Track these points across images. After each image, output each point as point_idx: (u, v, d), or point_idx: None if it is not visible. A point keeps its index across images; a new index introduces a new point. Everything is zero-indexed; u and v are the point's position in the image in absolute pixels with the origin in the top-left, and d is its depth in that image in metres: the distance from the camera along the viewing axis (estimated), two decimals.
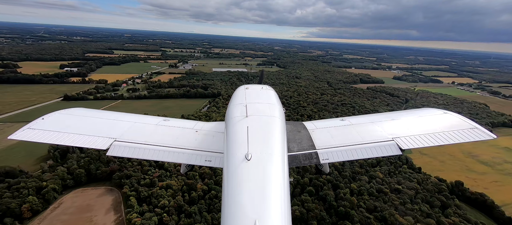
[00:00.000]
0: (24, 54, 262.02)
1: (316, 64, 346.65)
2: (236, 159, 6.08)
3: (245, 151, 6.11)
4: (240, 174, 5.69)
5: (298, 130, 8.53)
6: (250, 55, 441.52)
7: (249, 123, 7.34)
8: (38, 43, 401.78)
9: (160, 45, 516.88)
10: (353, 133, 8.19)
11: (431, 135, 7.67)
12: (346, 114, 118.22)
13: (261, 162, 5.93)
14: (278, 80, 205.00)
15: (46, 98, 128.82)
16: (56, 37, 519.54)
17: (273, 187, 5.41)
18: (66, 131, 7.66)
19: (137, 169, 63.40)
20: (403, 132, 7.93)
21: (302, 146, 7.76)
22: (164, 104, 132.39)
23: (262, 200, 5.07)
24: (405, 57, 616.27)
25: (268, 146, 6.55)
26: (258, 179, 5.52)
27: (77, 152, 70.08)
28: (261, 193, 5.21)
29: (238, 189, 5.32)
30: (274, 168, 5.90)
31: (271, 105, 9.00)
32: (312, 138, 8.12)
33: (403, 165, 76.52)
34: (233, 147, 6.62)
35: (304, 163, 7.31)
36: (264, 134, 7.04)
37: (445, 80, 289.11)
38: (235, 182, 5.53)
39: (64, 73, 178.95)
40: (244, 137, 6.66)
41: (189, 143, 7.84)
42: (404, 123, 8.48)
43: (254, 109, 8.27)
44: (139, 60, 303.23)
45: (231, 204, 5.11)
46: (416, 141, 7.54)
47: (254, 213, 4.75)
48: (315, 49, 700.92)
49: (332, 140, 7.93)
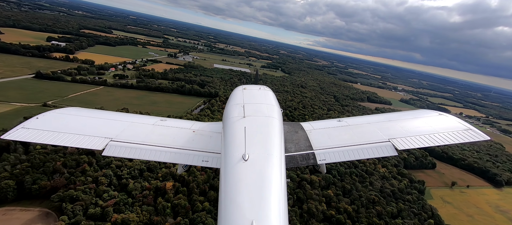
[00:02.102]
0: (12, 20, 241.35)
1: (322, 75, 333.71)
2: (234, 159, 6.03)
3: (243, 151, 6.08)
4: (237, 174, 5.64)
5: (296, 131, 8.45)
6: (255, 55, 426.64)
7: (247, 123, 7.29)
8: (34, 11, 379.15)
9: (164, 32, 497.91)
10: (350, 133, 8.11)
11: (426, 136, 7.54)
12: None
13: (258, 162, 5.90)
14: (283, 87, 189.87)
15: (15, 73, 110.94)
16: (56, 8, 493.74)
17: (270, 187, 5.38)
18: (61, 130, 7.34)
19: (90, 189, 47.14)
20: (399, 133, 7.82)
21: (300, 146, 7.71)
22: (151, 98, 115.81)
23: (259, 200, 5.06)
24: (409, 79, 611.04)
25: (265, 146, 6.51)
26: (255, 179, 5.49)
27: (19, 151, 53.48)
28: (258, 193, 5.19)
29: (235, 189, 5.30)
30: (271, 168, 5.86)
31: (269, 106, 8.89)
32: (309, 138, 8.04)
33: (429, 219, 61.97)
34: (230, 147, 6.56)
35: (301, 164, 7.31)
36: (261, 135, 6.97)
37: (451, 109, 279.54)
38: (232, 182, 5.50)
39: (47, 47, 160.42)
40: (241, 137, 6.63)
41: (186, 143, 7.72)
42: (400, 124, 8.31)
43: (252, 110, 8.18)
44: (137, 45, 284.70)
45: (228, 205, 5.08)
46: (411, 142, 7.42)
47: (251, 213, 4.75)
48: (321, 59, 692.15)
49: (329, 141, 7.87)
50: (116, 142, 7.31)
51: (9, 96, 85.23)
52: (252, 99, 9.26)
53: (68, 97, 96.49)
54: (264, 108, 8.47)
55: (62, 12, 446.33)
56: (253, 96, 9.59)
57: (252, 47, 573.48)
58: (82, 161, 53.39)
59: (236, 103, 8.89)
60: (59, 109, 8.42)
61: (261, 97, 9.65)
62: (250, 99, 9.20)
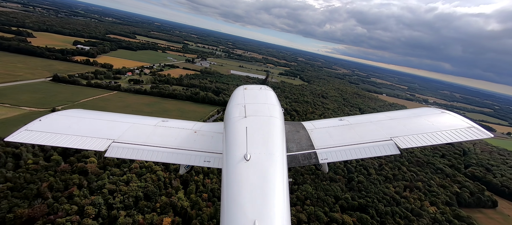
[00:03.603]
0: (46, 25, 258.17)
1: (344, 84, 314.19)
2: (235, 159, 6.04)
3: (244, 151, 6.08)
4: (239, 174, 5.64)
5: (297, 130, 8.43)
6: (272, 62, 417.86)
7: (248, 123, 7.28)
8: (69, 17, 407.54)
9: (184, 38, 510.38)
10: (352, 132, 8.03)
11: (429, 134, 7.48)
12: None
13: (260, 162, 5.90)
14: (302, 97, 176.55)
15: (35, 76, 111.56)
16: (89, 15, 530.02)
17: (272, 187, 5.38)
18: (64, 132, 7.35)
19: (72, 222, 38.76)
20: (401, 131, 7.77)
21: (301, 146, 7.70)
22: (163, 106, 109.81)
23: (261, 200, 5.06)
24: (439, 91, 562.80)
25: (267, 146, 6.49)
26: (257, 179, 5.48)
27: (8, 166, 47.50)
28: (260, 193, 5.18)
29: (237, 189, 5.30)
30: (273, 168, 5.85)
31: (270, 105, 8.80)
32: (311, 138, 8.01)
33: None
34: (232, 147, 6.55)
35: (303, 163, 7.29)
36: (263, 134, 6.95)
37: (496, 128, 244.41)
38: (234, 182, 5.49)
39: (71, 51, 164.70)
40: (243, 137, 6.62)
41: (188, 144, 7.72)
42: (403, 122, 8.25)
43: (253, 110, 8.14)
44: (157, 49, 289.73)
45: (231, 204, 5.07)
46: (414, 140, 7.38)
47: (254, 213, 4.75)
48: (340, 67, 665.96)
49: (331, 140, 7.83)
50: (119, 143, 7.28)
51: (21, 100, 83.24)
52: (253, 99, 9.10)
53: (79, 103, 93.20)
54: (265, 108, 8.34)
55: (94, 19, 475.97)
56: (254, 96, 9.40)
57: (270, 54, 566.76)
58: (72, 183, 45.88)
59: (237, 103, 8.76)
60: (62, 111, 8.32)
61: (262, 97, 9.44)
62: (251, 99, 9.06)
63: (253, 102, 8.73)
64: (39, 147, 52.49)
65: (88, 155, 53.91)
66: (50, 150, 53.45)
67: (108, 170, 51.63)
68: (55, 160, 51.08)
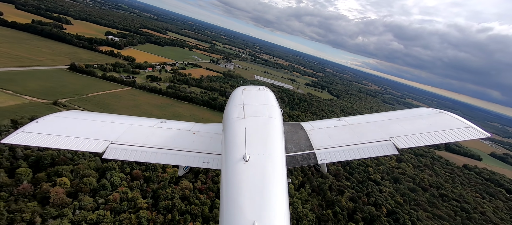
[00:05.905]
0: (87, 14, 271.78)
1: (377, 103, 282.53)
2: (234, 160, 6.08)
3: (243, 152, 6.11)
4: (238, 175, 5.67)
5: (296, 131, 8.50)
6: (298, 70, 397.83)
7: (247, 124, 7.31)
8: (111, 10, 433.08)
9: (213, 38, 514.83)
10: (350, 133, 8.11)
11: (427, 134, 7.53)
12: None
13: (259, 163, 5.93)
14: (332, 114, 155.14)
15: (55, 62, 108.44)
16: (130, 10, 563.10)
17: (271, 187, 5.42)
18: (61, 134, 7.30)
19: None
20: (399, 131, 7.83)
21: (300, 146, 7.75)
22: (175, 110, 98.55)
23: (260, 201, 5.10)
24: (487, 122, 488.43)
25: (266, 146, 6.52)
26: (256, 180, 5.52)
27: None
28: (260, 194, 5.23)
29: (236, 190, 5.34)
30: (272, 168, 5.89)
31: (269, 106, 8.81)
32: (309, 138, 8.08)
33: None
34: (231, 148, 6.59)
35: (302, 164, 7.36)
36: (262, 135, 6.96)
37: None
38: (233, 183, 5.53)
39: (99, 40, 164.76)
40: (242, 138, 6.66)
41: (186, 145, 7.67)
42: (400, 122, 8.33)
43: (252, 111, 8.14)
44: (184, 47, 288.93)
45: (230, 206, 5.12)
46: (412, 140, 7.44)
47: (253, 214, 4.79)
48: (371, 82, 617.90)
49: (330, 140, 7.91)
50: (117, 144, 7.25)
51: (27, 88, 77.40)
52: (252, 100, 8.96)
53: (86, 97, 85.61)
54: (264, 109, 8.30)
55: (133, 13, 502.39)
56: (253, 97, 9.25)
57: (297, 62, 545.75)
58: (20, 218, 33.54)
59: (236, 104, 8.65)
60: (59, 112, 8.31)
61: (261, 98, 9.30)
62: (250, 100, 8.94)
63: (252, 103, 8.58)
64: (6, 157, 41.92)
65: (61, 173, 41.98)
66: (19, 159, 42.67)
67: (78, 198, 39.01)
68: (20, 173, 39.64)
